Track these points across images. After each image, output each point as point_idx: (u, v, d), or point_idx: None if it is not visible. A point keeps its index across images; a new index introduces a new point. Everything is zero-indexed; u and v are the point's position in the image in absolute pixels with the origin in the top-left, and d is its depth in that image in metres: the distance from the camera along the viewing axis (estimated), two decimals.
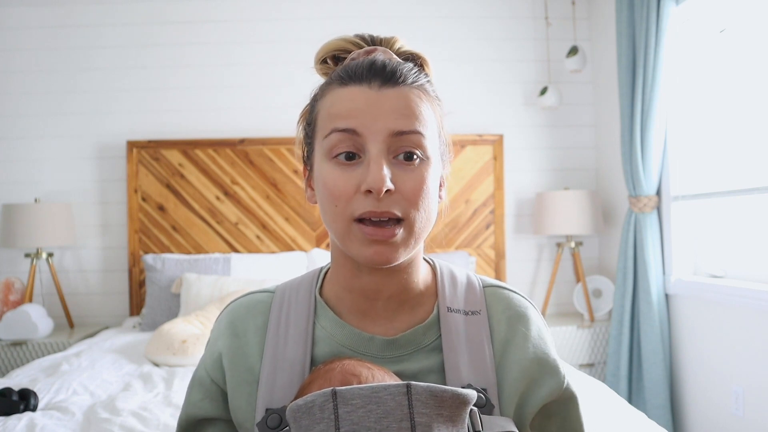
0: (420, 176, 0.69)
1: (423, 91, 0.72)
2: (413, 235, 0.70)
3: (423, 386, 0.61)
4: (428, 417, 0.60)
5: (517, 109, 3.40)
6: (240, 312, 0.80)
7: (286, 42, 3.32)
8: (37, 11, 3.29)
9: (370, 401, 0.60)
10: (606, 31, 3.23)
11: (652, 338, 2.69)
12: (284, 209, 3.27)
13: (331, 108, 0.71)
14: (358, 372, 0.67)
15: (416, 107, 0.70)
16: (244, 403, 0.74)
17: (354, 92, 0.70)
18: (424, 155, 0.70)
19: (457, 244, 3.30)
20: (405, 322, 0.76)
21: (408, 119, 0.69)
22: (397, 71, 0.71)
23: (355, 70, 0.71)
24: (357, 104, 0.69)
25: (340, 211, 0.69)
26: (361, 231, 0.68)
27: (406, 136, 0.68)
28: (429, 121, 0.71)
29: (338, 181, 0.69)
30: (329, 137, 0.70)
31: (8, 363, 2.85)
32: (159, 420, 1.66)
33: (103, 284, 3.31)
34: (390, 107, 0.69)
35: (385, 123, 0.68)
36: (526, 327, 0.76)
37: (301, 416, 0.61)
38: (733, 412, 2.36)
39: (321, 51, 0.79)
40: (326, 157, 0.70)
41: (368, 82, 0.70)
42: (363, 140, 0.68)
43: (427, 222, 0.71)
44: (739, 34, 2.43)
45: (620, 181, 3.12)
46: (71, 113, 3.31)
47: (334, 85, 0.73)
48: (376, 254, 0.68)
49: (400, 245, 0.69)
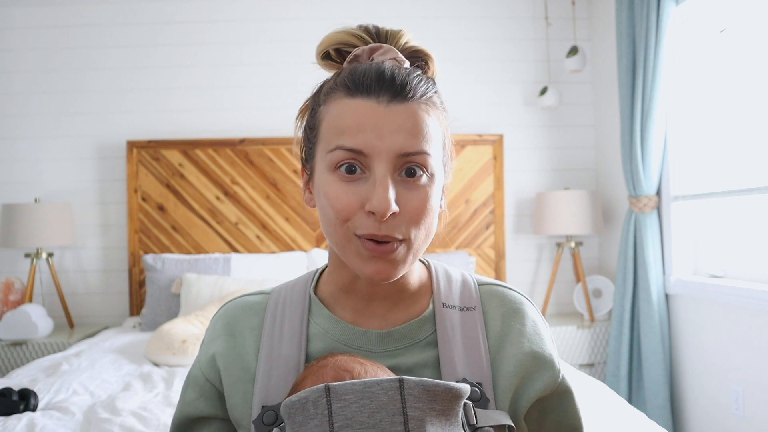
0: (424, 195, 0.69)
1: (431, 104, 0.71)
2: (412, 252, 0.70)
3: (415, 380, 0.62)
4: (421, 411, 0.60)
5: (517, 109, 3.40)
6: (235, 312, 0.81)
7: (287, 42, 3.32)
8: (38, 12, 3.29)
9: (363, 396, 0.60)
10: (606, 31, 3.23)
11: (652, 338, 2.69)
12: (284, 209, 3.27)
13: (336, 120, 0.70)
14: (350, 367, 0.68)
15: (424, 125, 0.69)
16: (240, 400, 0.74)
17: (361, 107, 0.68)
18: (429, 173, 0.70)
19: (457, 244, 3.30)
20: (400, 317, 0.77)
21: (415, 139, 0.68)
22: (407, 86, 0.69)
23: (362, 80, 0.69)
24: (364, 121, 0.68)
25: (341, 224, 0.69)
26: (362, 245, 0.68)
27: (413, 157, 0.68)
28: (435, 137, 0.71)
29: (341, 195, 0.68)
30: (334, 153, 0.69)
31: (8, 363, 2.85)
32: (159, 420, 1.66)
33: (103, 284, 3.31)
34: (398, 126, 0.68)
35: (392, 143, 0.67)
36: (521, 322, 0.76)
37: (295, 412, 0.62)
38: (733, 412, 2.36)
39: (323, 43, 0.77)
40: (329, 169, 0.70)
41: (377, 96, 0.68)
42: (369, 160, 0.68)
43: (426, 238, 0.72)
44: (739, 34, 2.43)
45: (620, 181, 3.12)
46: (71, 113, 3.31)
47: (339, 94, 0.71)
48: (375, 272, 0.69)
49: (400, 262, 0.70)
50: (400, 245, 0.69)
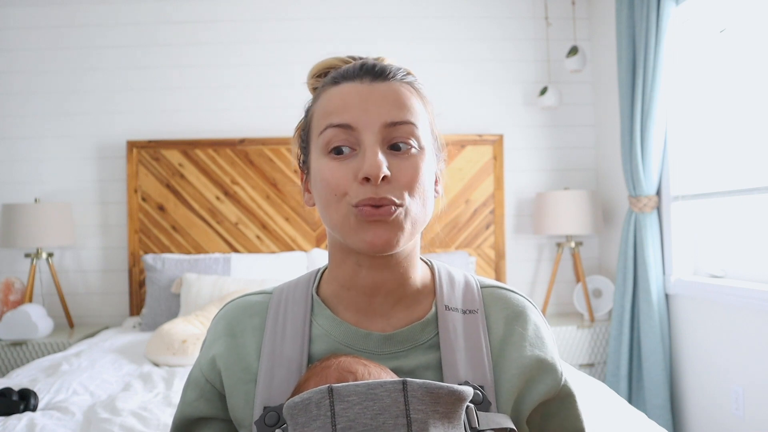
0: (414, 164, 0.71)
1: (413, 87, 0.75)
2: (410, 220, 0.71)
3: (419, 383, 0.61)
4: (424, 413, 0.60)
5: (517, 109, 3.40)
6: (237, 313, 0.81)
7: (287, 42, 3.32)
8: (38, 12, 3.29)
9: (366, 398, 0.60)
10: (606, 31, 3.23)
11: (652, 338, 2.69)
12: (284, 209, 3.27)
13: (324, 107, 0.74)
14: (354, 369, 0.68)
15: (407, 100, 0.73)
16: (242, 401, 0.74)
17: (346, 88, 0.73)
18: (418, 145, 0.72)
19: (457, 244, 3.30)
20: (402, 319, 0.77)
21: (400, 110, 0.72)
22: (387, 68, 0.74)
23: (346, 70, 0.75)
24: (350, 99, 0.72)
25: (338, 201, 0.70)
26: (360, 213, 0.69)
27: (399, 127, 0.71)
28: (420, 114, 0.74)
29: (335, 172, 0.70)
30: (324, 133, 0.72)
31: (8, 363, 2.85)
32: (159, 420, 1.66)
33: (103, 284, 3.31)
34: (382, 99, 0.71)
35: (378, 114, 0.71)
36: (524, 326, 0.77)
37: (298, 413, 0.61)
38: (733, 412, 2.36)
39: (315, 68, 0.82)
40: (322, 153, 0.72)
41: (360, 79, 0.73)
42: (357, 133, 0.70)
43: (423, 211, 0.72)
44: (739, 34, 2.43)
45: (620, 181, 3.12)
46: (71, 113, 3.31)
47: (327, 87, 0.76)
48: (375, 237, 0.69)
49: (398, 228, 0.70)
50: (398, 208, 0.69)
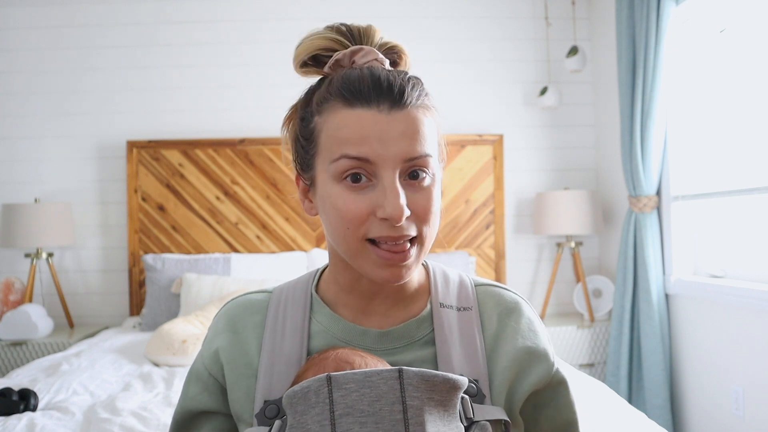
0: (429, 195, 0.71)
1: (426, 107, 0.73)
2: (423, 251, 0.73)
3: (414, 371, 0.64)
4: (420, 400, 0.62)
5: (517, 109, 3.40)
6: (238, 310, 0.82)
7: (287, 42, 3.30)
8: (38, 12, 3.29)
9: (363, 385, 0.62)
10: (606, 31, 3.23)
11: (652, 338, 2.69)
12: (284, 209, 3.27)
13: (338, 131, 0.70)
14: (351, 359, 0.70)
15: (424, 129, 0.71)
16: (243, 395, 0.76)
17: (363, 117, 0.69)
18: (431, 174, 0.72)
19: (457, 244, 3.30)
20: (399, 317, 0.79)
21: (418, 144, 0.70)
22: (405, 93, 0.70)
23: (359, 89, 0.69)
24: (368, 131, 0.68)
25: (352, 233, 0.70)
26: (375, 253, 0.70)
27: (417, 160, 0.70)
28: (433, 138, 0.73)
29: (350, 205, 0.69)
30: (339, 162, 0.69)
31: (8, 363, 2.85)
32: (159, 420, 1.67)
33: (103, 284, 3.31)
34: (401, 133, 0.69)
35: (397, 150, 0.69)
36: (516, 320, 0.79)
37: (297, 402, 0.64)
38: (733, 412, 2.36)
39: (301, 53, 0.76)
40: (335, 179, 0.70)
41: (377, 105, 0.69)
42: (375, 167, 0.69)
43: (433, 232, 0.74)
44: (739, 34, 2.43)
45: (620, 181, 3.12)
46: (71, 113, 3.31)
47: (336, 104, 0.71)
48: (391, 276, 0.71)
49: (413, 264, 0.72)
50: (413, 247, 0.71)
